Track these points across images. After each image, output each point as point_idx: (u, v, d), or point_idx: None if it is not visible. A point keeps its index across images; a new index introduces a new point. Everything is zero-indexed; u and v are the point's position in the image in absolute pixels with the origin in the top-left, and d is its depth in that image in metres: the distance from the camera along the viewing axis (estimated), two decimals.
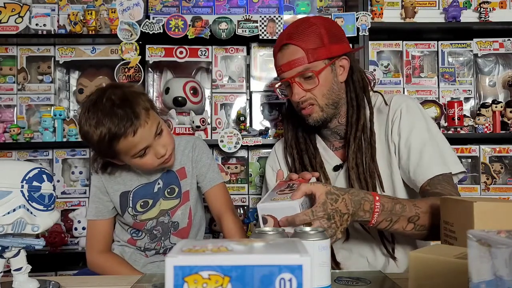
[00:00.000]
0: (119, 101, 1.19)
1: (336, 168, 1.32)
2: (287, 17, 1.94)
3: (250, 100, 2.04)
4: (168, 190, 1.34)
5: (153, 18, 1.91)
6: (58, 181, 1.96)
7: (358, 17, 1.91)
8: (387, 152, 1.26)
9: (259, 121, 2.06)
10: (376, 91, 1.36)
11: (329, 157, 1.34)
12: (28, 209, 0.83)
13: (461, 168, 1.21)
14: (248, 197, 2.00)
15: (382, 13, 1.99)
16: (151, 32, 1.90)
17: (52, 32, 1.95)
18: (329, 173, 1.31)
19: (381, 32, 2.03)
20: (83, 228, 1.89)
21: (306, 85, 1.25)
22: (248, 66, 2.05)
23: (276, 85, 1.36)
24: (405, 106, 1.25)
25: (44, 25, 1.94)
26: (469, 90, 2.04)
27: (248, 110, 2.04)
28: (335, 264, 1.26)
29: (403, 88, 2.03)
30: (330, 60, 1.25)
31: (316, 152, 1.34)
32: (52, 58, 2.03)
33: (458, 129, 1.97)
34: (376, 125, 1.28)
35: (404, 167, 1.22)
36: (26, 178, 0.83)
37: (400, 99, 1.29)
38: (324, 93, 1.26)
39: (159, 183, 1.33)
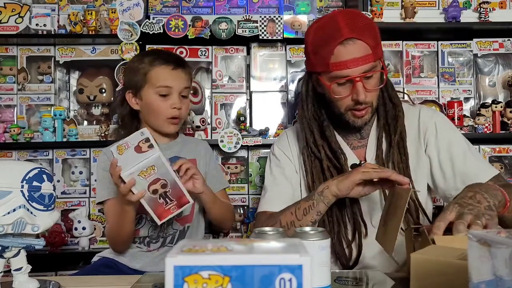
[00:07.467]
0: (175, 54, 1.44)
1: (354, 166, 1.28)
2: (287, 17, 1.94)
3: (250, 100, 2.03)
4: None
5: (153, 18, 1.91)
6: (58, 181, 1.96)
7: None
8: (415, 162, 1.26)
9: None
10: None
11: (347, 154, 1.30)
12: (28, 209, 0.83)
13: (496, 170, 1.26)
14: (248, 197, 2.00)
15: (382, 13, 1.98)
16: (151, 32, 1.90)
17: (52, 32, 1.95)
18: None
19: (381, 32, 1.99)
20: (83, 228, 1.88)
21: (367, 85, 1.17)
22: (248, 66, 2.04)
23: (335, 82, 1.17)
24: (440, 121, 1.28)
25: (44, 25, 1.94)
26: (469, 90, 2.04)
27: (248, 110, 2.04)
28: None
29: (403, 88, 2.02)
30: (380, 59, 1.20)
31: (338, 146, 1.27)
32: (52, 58, 2.03)
33: (458, 129, 1.96)
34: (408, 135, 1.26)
35: (448, 177, 1.23)
36: (26, 178, 0.84)
37: (430, 112, 1.30)
38: (378, 94, 1.22)
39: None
